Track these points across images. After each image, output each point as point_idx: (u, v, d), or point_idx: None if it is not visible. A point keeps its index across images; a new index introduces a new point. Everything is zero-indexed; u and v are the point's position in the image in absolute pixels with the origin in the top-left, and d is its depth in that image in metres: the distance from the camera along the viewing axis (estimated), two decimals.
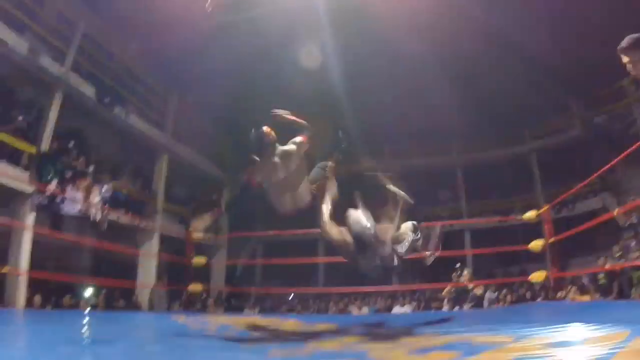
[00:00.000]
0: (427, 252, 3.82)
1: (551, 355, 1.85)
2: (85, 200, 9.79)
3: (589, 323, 3.04)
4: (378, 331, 3.17)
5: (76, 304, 9.54)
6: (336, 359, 2.11)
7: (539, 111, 15.86)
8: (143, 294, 11.38)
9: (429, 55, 12.75)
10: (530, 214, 6.32)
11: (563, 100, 15.41)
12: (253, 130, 3.41)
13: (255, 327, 3.72)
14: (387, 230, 3.09)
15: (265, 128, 3.37)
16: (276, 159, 3.38)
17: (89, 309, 9.16)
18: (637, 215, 11.12)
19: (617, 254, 10.32)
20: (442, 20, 11.92)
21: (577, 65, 13.20)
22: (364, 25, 12.07)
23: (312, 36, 12.26)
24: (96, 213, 10.12)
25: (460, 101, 14.18)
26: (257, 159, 3.43)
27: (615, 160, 5.16)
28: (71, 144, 10.49)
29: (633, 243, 10.50)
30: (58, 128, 9.86)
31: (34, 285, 9.45)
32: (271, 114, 3.55)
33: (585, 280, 9.90)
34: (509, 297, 10.13)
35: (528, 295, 10.57)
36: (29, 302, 8.71)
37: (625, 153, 4.81)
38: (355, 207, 3.20)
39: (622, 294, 9.10)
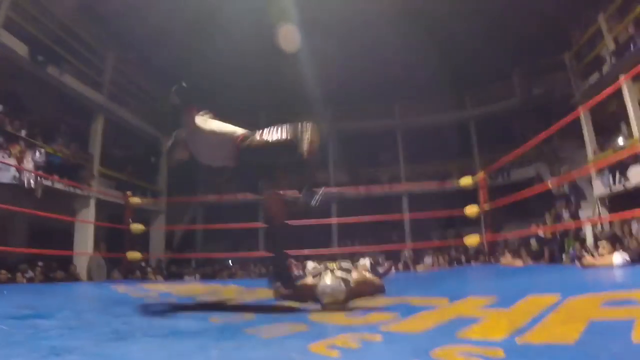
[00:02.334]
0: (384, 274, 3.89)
1: (486, 316, 1.93)
2: (19, 166, 9.28)
3: (521, 286, 3.22)
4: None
5: (13, 278, 9.13)
6: (276, 323, 2.12)
7: (481, 78, 16.26)
8: (81, 263, 11.03)
9: (372, 17, 12.74)
10: (467, 180, 6.50)
11: (504, 68, 15.82)
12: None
13: (196, 294, 3.70)
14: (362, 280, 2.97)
15: None
16: None
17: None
18: (568, 184, 11.70)
19: (549, 221, 10.89)
20: None
21: (521, 35, 13.58)
22: None
23: None
24: (30, 180, 9.63)
25: (403, 64, 14.34)
26: None
27: (550, 130, 5.35)
28: (1, 108, 9.84)
29: (564, 212, 11.08)
30: None
31: None
32: None
33: (517, 246, 10.41)
34: (443, 260, 10.54)
35: (463, 258, 11.04)
36: None
37: (559, 124, 5.00)
38: None
39: (553, 259, 9.66)
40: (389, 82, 15.90)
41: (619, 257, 4.10)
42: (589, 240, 10.20)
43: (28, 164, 9.69)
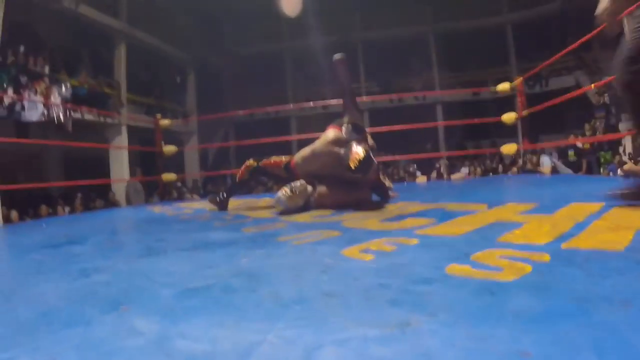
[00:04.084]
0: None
1: (527, 221, 1.83)
2: (46, 103, 9.36)
3: (563, 194, 3.10)
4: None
5: (54, 212, 9.48)
6: (309, 230, 2.08)
7: None
8: (119, 190, 11.36)
9: None
10: (504, 86, 6.26)
11: None
12: None
13: (231, 209, 3.73)
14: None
15: None
16: None
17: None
18: (609, 95, 11.13)
19: (588, 133, 10.49)
20: None
21: None
22: None
23: None
24: (59, 114, 9.73)
25: None
26: None
27: (590, 35, 4.99)
28: (22, 48, 9.78)
29: (599, 124, 10.62)
30: (5, 31, 9.10)
31: (9, 201, 9.28)
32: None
33: (555, 156, 10.17)
34: (479, 170, 10.39)
35: (499, 168, 10.84)
36: (7, 219, 8.58)
37: (599, 29, 4.62)
38: None
39: (591, 172, 9.42)
40: None
41: None
42: (628, 151, 9.86)
43: (55, 99, 9.75)
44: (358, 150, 2.86)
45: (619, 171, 6.32)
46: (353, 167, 2.85)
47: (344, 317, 0.89)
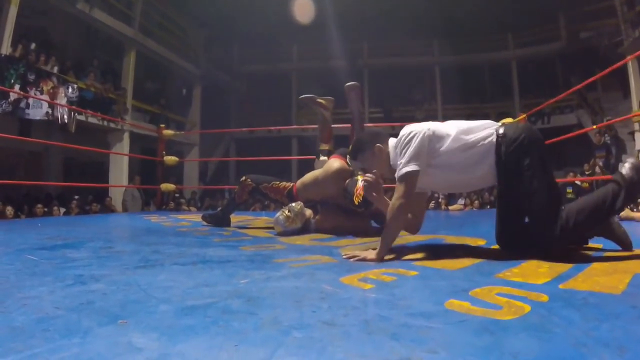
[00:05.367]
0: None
1: (526, 260, 1.85)
2: (51, 102, 9.38)
3: None
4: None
5: (49, 212, 9.43)
6: (308, 254, 2.08)
7: (526, 18, 15.47)
8: (116, 196, 11.31)
9: None
10: (506, 121, 6.28)
11: (552, 9, 14.99)
12: None
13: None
14: None
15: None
16: None
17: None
18: (610, 135, 11.21)
19: (587, 172, 10.52)
20: None
21: None
22: None
23: None
24: (63, 115, 9.74)
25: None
26: None
27: (595, 77, 5.09)
28: (33, 45, 9.85)
29: (600, 163, 10.65)
30: (18, 28, 9.21)
31: (5, 196, 9.25)
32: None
33: None
34: (477, 203, 10.37)
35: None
36: (1, 214, 8.53)
37: (605, 72, 4.72)
38: None
39: None
40: (428, 16, 15.28)
41: None
42: None
43: (61, 100, 9.76)
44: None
45: (615, 216, 6.30)
46: (357, 203, 2.86)
47: (345, 347, 0.88)
